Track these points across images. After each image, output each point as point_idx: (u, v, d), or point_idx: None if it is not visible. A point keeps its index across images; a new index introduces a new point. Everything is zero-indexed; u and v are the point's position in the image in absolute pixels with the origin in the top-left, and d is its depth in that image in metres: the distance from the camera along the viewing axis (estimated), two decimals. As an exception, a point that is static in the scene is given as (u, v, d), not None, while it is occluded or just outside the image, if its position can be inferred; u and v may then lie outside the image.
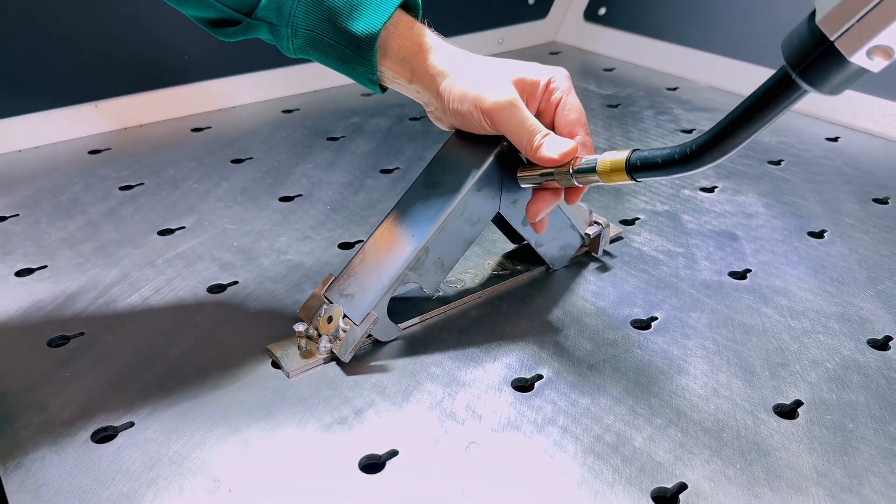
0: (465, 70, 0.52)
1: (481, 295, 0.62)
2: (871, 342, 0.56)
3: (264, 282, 0.63)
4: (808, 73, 0.36)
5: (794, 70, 0.36)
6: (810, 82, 0.36)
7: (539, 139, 0.52)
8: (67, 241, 0.69)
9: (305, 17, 0.52)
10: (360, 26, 0.52)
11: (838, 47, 0.34)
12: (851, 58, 0.34)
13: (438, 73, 0.53)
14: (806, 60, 0.36)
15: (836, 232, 0.71)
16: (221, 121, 0.97)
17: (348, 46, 0.53)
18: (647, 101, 1.05)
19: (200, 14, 0.55)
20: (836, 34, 0.34)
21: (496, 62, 0.54)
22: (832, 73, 0.35)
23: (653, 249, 0.68)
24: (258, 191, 0.79)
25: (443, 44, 0.54)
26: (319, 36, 0.53)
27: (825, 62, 0.35)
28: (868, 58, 0.34)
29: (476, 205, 0.56)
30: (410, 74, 0.54)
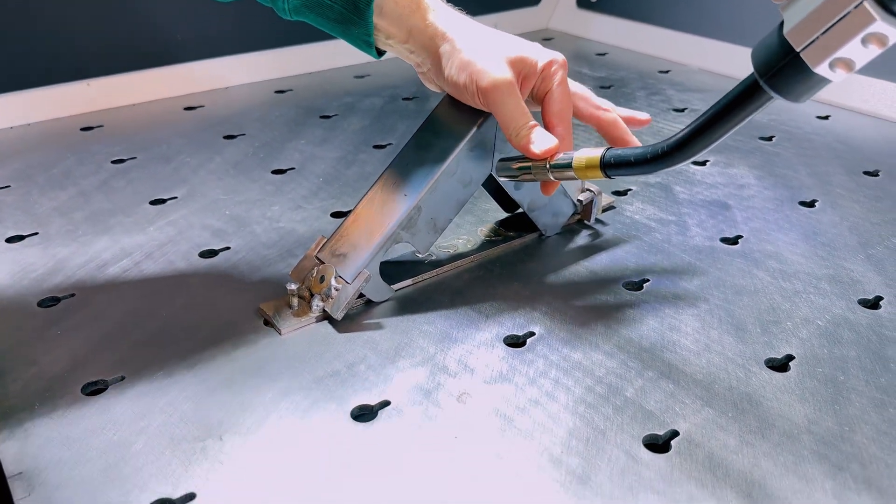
0: (466, 37, 0.53)
1: (474, 259, 0.62)
2: (862, 301, 0.56)
3: (256, 247, 0.63)
4: (775, 81, 0.38)
5: (762, 77, 0.38)
6: (777, 90, 0.38)
7: (526, 130, 0.52)
8: (59, 210, 0.69)
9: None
10: None
11: (803, 58, 0.36)
12: (815, 69, 0.36)
13: (438, 35, 0.53)
14: (773, 69, 0.38)
15: (826, 201, 0.72)
16: (214, 101, 0.97)
17: (344, 6, 0.53)
18: (639, 83, 1.05)
19: None
20: (802, 46, 0.36)
21: (497, 36, 0.54)
22: (797, 82, 0.38)
23: (645, 218, 0.69)
24: (251, 164, 0.79)
25: (441, 4, 0.54)
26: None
27: (791, 71, 0.37)
28: (831, 69, 0.36)
29: (468, 166, 0.56)
30: (406, 35, 0.54)
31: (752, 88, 0.40)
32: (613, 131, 0.56)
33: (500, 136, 0.56)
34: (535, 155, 0.52)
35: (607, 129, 0.56)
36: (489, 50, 0.53)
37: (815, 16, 0.35)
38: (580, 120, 0.57)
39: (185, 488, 0.39)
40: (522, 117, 0.52)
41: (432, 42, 0.53)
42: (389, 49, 0.56)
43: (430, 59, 0.54)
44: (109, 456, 0.41)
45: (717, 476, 0.41)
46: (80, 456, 0.41)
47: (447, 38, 0.53)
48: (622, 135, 0.56)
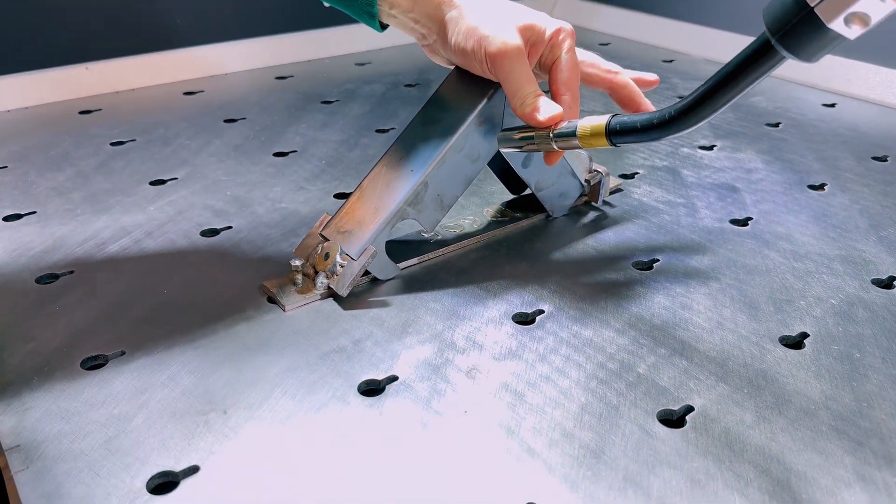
0: (473, 3, 0.52)
1: (480, 239, 0.61)
2: (876, 281, 0.55)
3: (259, 227, 0.62)
4: (788, 39, 0.37)
5: (773, 36, 0.38)
6: (789, 48, 0.37)
7: (532, 98, 0.51)
8: (57, 189, 0.67)
9: None
10: None
11: (818, 13, 0.35)
12: (830, 24, 0.35)
13: (445, 2, 0.52)
14: (786, 27, 0.37)
15: (836, 185, 0.71)
16: (214, 86, 0.96)
17: None
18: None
19: None
20: (816, 0, 0.35)
21: (505, 3, 0.53)
22: (811, 40, 0.36)
23: (653, 200, 0.68)
24: (252, 147, 0.78)
25: None
26: None
27: (804, 28, 0.36)
28: (846, 25, 0.35)
29: (476, 141, 0.55)
30: (412, 3, 0.52)
31: (763, 48, 0.39)
32: (625, 93, 0.55)
33: (509, 111, 0.55)
34: (539, 123, 0.51)
35: (619, 91, 0.55)
36: (497, 16, 0.52)
37: None
38: (591, 85, 0.56)
39: (187, 461, 0.38)
40: (529, 85, 0.51)
41: (438, 10, 0.52)
42: (392, 21, 0.55)
43: (436, 27, 0.53)
44: (109, 429, 0.40)
45: (734, 451, 0.40)
46: (80, 429, 0.40)
47: (454, 4, 0.52)
48: (635, 96, 0.55)
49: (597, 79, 0.55)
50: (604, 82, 0.55)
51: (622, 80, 0.55)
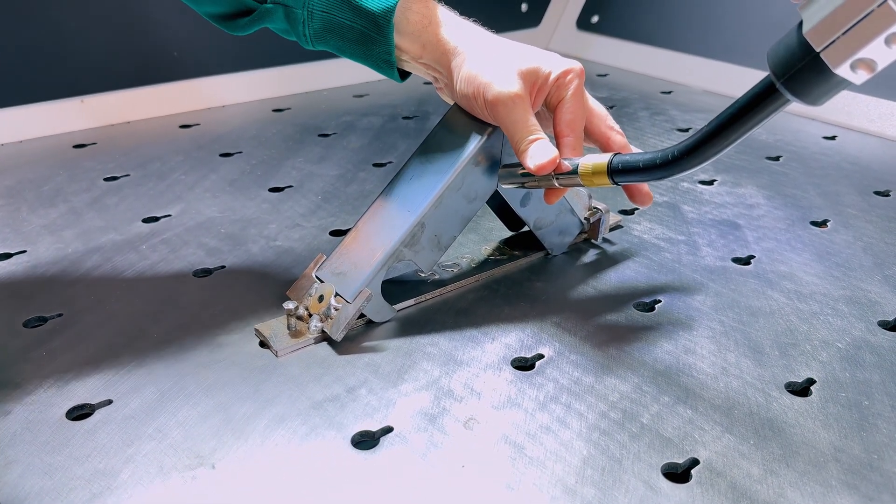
0: (477, 49, 0.51)
1: (479, 278, 0.59)
2: (882, 323, 0.54)
3: (253, 266, 0.61)
4: (793, 82, 0.37)
5: (779, 79, 0.37)
6: (794, 92, 0.37)
7: (526, 143, 0.50)
8: (48, 227, 0.66)
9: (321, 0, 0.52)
10: (377, 2, 0.51)
11: (824, 59, 0.35)
12: (836, 70, 0.35)
13: (451, 50, 0.52)
14: (791, 70, 0.36)
15: (839, 221, 0.70)
16: (210, 118, 0.95)
17: (365, 25, 0.52)
18: (642, 104, 1.04)
19: (216, 9, 0.55)
20: (823, 46, 0.35)
21: (509, 47, 0.52)
22: (816, 84, 0.36)
23: (653, 237, 0.67)
24: (247, 182, 0.77)
25: (454, 17, 0.53)
26: (336, 17, 0.52)
27: (810, 73, 0.36)
28: (852, 70, 0.35)
29: (474, 180, 0.54)
30: (420, 49, 0.52)
31: (767, 91, 0.38)
32: None
33: (508, 150, 0.55)
34: (528, 169, 0.50)
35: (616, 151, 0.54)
36: (499, 62, 0.51)
37: (837, 15, 0.34)
38: (590, 137, 0.55)
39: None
40: (525, 130, 0.51)
41: (444, 56, 0.52)
42: (406, 67, 0.55)
43: (444, 72, 0.53)
44: (94, 486, 0.39)
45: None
46: (63, 485, 0.39)
47: (458, 51, 0.52)
48: None
49: (597, 132, 0.55)
50: (602, 137, 0.54)
51: (621, 140, 0.54)
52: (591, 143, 0.56)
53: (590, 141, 0.56)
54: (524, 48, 0.53)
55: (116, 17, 0.91)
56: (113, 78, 0.92)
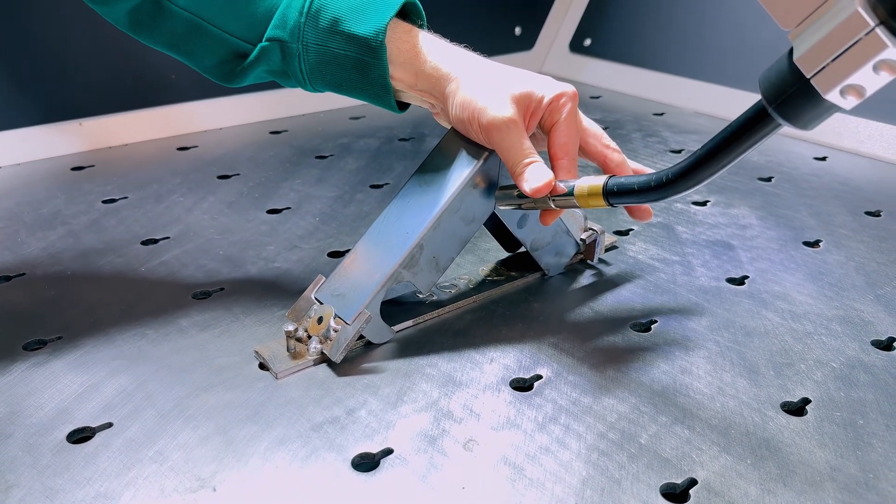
0: (470, 75, 0.52)
1: (476, 299, 0.60)
2: (875, 343, 0.55)
3: (252, 289, 0.61)
4: (784, 108, 0.37)
5: (770, 105, 0.38)
6: (785, 117, 0.38)
7: (521, 167, 0.51)
8: (47, 250, 0.67)
9: (314, 32, 0.53)
10: (367, 27, 0.52)
11: (814, 85, 0.36)
12: (826, 95, 0.36)
13: (444, 76, 0.53)
14: (782, 96, 0.37)
15: (831, 242, 0.71)
16: (208, 141, 0.96)
17: (358, 51, 0.53)
18: (634, 125, 1.06)
19: (212, 60, 0.56)
20: (812, 72, 0.36)
21: (502, 71, 0.53)
22: (807, 109, 0.37)
23: (648, 258, 0.67)
24: (245, 204, 0.77)
25: (443, 43, 0.54)
26: (329, 48, 0.53)
27: (801, 98, 0.37)
28: (842, 96, 0.36)
29: (471, 202, 0.55)
30: (414, 77, 0.53)
31: (759, 115, 0.39)
32: (619, 173, 0.55)
33: (504, 173, 0.55)
34: (525, 192, 0.51)
35: (614, 170, 0.55)
36: (493, 87, 0.52)
37: (826, 42, 0.35)
38: (587, 157, 0.56)
39: (175, 544, 0.37)
40: (520, 154, 0.52)
41: (438, 83, 0.53)
42: (402, 97, 0.56)
43: (439, 99, 0.54)
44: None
45: (740, 528, 0.38)
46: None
47: (452, 77, 0.53)
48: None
49: (593, 150, 0.56)
50: (599, 156, 0.55)
51: (618, 158, 0.55)
52: (589, 161, 0.57)
53: (587, 160, 0.57)
54: (517, 72, 0.54)
55: (114, 41, 0.91)
56: (111, 101, 0.92)
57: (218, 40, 0.56)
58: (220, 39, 0.56)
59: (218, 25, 0.55)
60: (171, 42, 0.58)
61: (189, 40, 0.57)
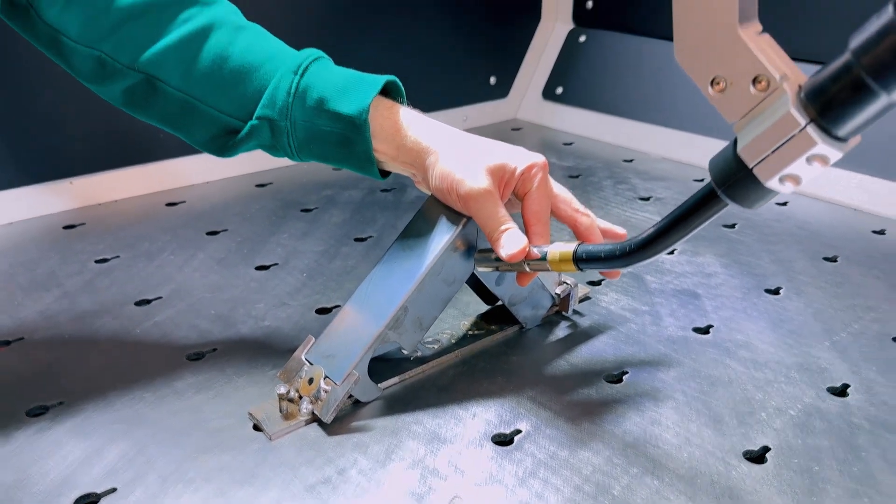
0: (448, 147, 0.56)
1: (458, 354, 0.63)
2: (831, 390, 0.59)
3: (243, 348, 0.64)
4: (731, 191, 0.42)
5: (719, 188, 0.43)
6: (732, 198, 0.42)
7: (498, 234, 0.55)
8: (43, 313, 0.69)
9: (302, 110, 0.57)
10: (351, 107, 0.56)
11: (755, 174, 0.40)
12: (767, 183, 0.40)
13: (424, 149, 0.57)
14: (729, 181, 0.42)
15: (791, 288, 0.75)
16: (195, 195, 0.99)
17: (343, 129, 0.57)
18: (606, 172, 1.10)
19: (204, 135, 0.60)
20: (754, 163, 0.40)
21: (477, 144, 0.57)
22: (750, 193, 0.42)
23: (620, 308, 0.71)
24: (234, 260, 0.80)
25: (420, 118, 0.58)
26: (316, 125, 0.57)
27: (744, 184, 0.41)
28: (780, 183, 0.40)
29: (452, 265, 0.58)
30: (396, 151, 0.57)
31: (710, 196, 0.44)
32: (589, 239, 0.59)
33: (482, 236, 0.59)
34: (502, 257, 0.55)
35: (583, 234, 0.59)
36: (469, 159, 0.56)
37: (765, 137, 0.39)
38: (559, 220, 0.60)
39: None
40: (496, 222, 0.55)
41: (419, 156, 0.57)
42: (385, 167, 0.59)
43: (420, 170, 0.58)
44: (103, 575, 0.41)
45: (705, 575, 0.42)
46: (73, 576, 0.41)
47: (431, 150, 0.57)
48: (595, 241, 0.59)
49: (565, 215, 0.60)
50: (569, 220, 0.59)
51: (587, 222, 0.59)
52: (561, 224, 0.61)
53: (560, 222, 0.61)
54: (491, 144, 0.58)
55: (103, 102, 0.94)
56: (100, 159, 0.95)
57: (210, 118, 0.59)
58: (212, 117, 0.59)
59: (210, 104, 0.59)
60: (164, 119, 0.61)
61: (182, 118, 0.60)
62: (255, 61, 0.59)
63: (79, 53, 0.59)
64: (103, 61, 0.59)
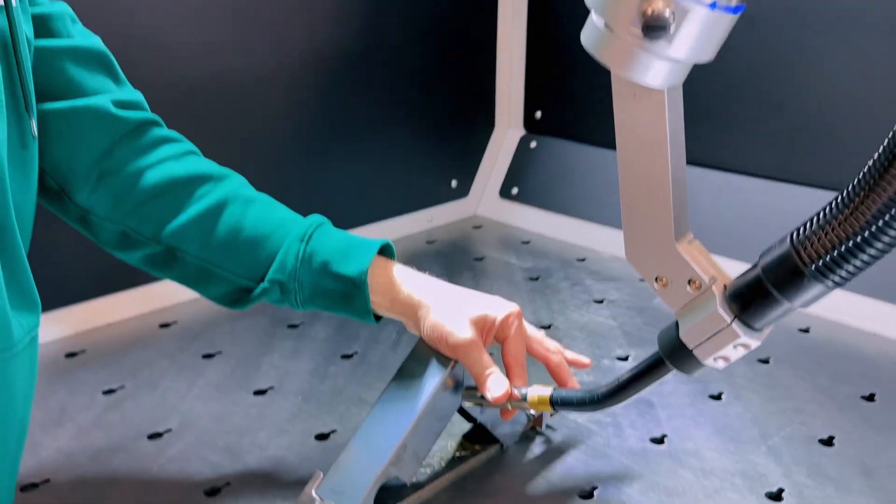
0: (436, 302, 0.66)
1: (449, 478, 0.71)
2: (769, 495, 0.69)
3: (254, 481, 0.71)
4: (675, 361, 0.54)
5: (666, 358, 0.54)
6: (677, 367, 0.54)
7: (484, 377, 0.65)
8: (62, 451, 0.75)
9: (308, 272, 0.65)
10: (352, 268, 0.65)
11: (695, 354, 0.52)
12: (704, 361, 0.52)
13: (415, 304, 0.66)
14: (673, 355, 0.54)
15: (730, 392, 0.86)
16: (186, 314, 1.06)
17: (345, 287, 0.65)
18: (562, 273, 1.21)
19: (217, 292, 0.68)
20: (693, 345, 0.52)
21: (462, 297, 0.67)
22: (691, 365, 0.53)
23: (586, 420, 0.81)
24: (232, 386, 0.87)
25: (414, 275, 0.68)
26: (321, 285, 0.66)
27: (685, 359, 0.53)
28: (714, 361, 0.52)
29: (443, 402, 0.67)
30: (390, 303, 0.67)
31: (659, 363, 0.55)
32: (559, 371, 0.69)
33: (468, 375, 0.68)
34: (488, 399, 0.64)
35: (555, 370, 0.69)
36: (455, 312, 0.66)
37: (701, 327, 0.50)
38: (534, 357, 0.70)
39: None
40: (481, 366, 0.65)
41: (412, 309, 0.66)
42: (378, 313, 0.68)
43: (412, 320, 0.67)
44: None
45: None
46: None
47: (422, 304, 0.66)
48: (565, 376, 0.70)
49: (539, 355, 0.69)
50: (542, 359, 0.69)
51: (557, 360, 0.69)
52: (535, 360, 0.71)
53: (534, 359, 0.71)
54: (474, 297, 0.68)
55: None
56: (93, 285, 1.01)
57: (225, 280, 0.68)
58: (228, 280, 0.68)
59: (226, 269, 0.67)
60: (181, 279, 0.69)
61: (199, 279, 0.68)
62: (266, 230, 0.67)
63: (105, 228, 0.67)
64: (127, 234, 0.67)
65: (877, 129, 0.59)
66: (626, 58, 0.44)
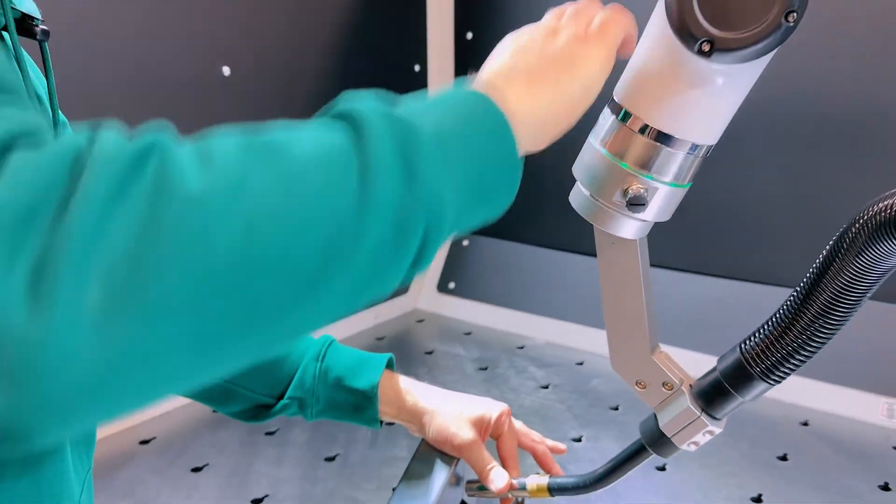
0: (439, 408, 0.76)
1: (452, 564, 0.80)
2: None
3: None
4: (655, 447, 0.65)
5: (647, 445, 0.66)
6: (658, 453, 0.66)
7: (486, 472, 0.75)
8: (80, 579, 0.77)
9: (324, 388, 0.74)
10: (364, 383, 0.74)
11: (673, 441, 0.64)
12: (680, 446, 0.64)
13: (420, 411, 0.76)
14: (654, 443, 0.65)
15: (674, 463, 1.00)
16: (162, 428, 1.09)
17: (357, 400, 0.74)
18: (507, 363, 1.34)
19: (236, 409, 0.75)
20: (671, 434, 0.64)
21: (460, 402, 0.78)
22: (668, 450, 0.64)
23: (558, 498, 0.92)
24: (229, 497, 0.92)
25: (417, 385, 0.78)
26: (335, 398, 0.74)
27: (664, 445, 0.64)
28: (687, 446, 0.64)
29: (448, 495, 0.77)
30: (397, 411, 0.76)
31: (641, 450, 0.67)
32: (544, 459, 0.81)
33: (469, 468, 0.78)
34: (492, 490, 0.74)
35: (541, 458, 0.81)
36: (456, 416, 0.76)
37: (676, 420, 0.63)
38: (522, 449, 0.81)
39: None
40: (483, 462, 0.75)
41: (416, 415, 0.76)
42: (385, 419, 0.78)
43: (417, 425, 0.77)
44: None
45: None
46: None
47: (426, 411, 0.76)
48: (549, 462, 0.81)
49: (527, 446, 0.81)
50: (530, 449, 0.81)
51: (542, 449, 0.81)
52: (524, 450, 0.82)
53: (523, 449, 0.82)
54: (469, 401, 0.79)
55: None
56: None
57: (246, 398, 0.75)
58: (249, 398, 0.75)
59: (247, 388, 0.75)
60: (203, 398, 0.76)
61: (221, 398, 0.75)
62: (283, 352, 0.76)
63: None
64: None
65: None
66: (609, 220, 0.58)
